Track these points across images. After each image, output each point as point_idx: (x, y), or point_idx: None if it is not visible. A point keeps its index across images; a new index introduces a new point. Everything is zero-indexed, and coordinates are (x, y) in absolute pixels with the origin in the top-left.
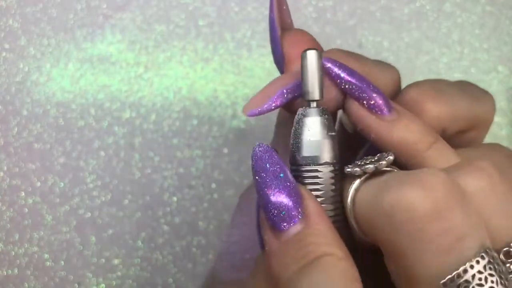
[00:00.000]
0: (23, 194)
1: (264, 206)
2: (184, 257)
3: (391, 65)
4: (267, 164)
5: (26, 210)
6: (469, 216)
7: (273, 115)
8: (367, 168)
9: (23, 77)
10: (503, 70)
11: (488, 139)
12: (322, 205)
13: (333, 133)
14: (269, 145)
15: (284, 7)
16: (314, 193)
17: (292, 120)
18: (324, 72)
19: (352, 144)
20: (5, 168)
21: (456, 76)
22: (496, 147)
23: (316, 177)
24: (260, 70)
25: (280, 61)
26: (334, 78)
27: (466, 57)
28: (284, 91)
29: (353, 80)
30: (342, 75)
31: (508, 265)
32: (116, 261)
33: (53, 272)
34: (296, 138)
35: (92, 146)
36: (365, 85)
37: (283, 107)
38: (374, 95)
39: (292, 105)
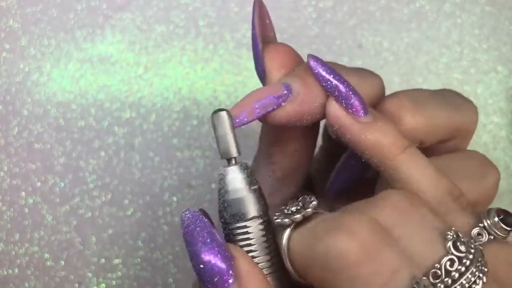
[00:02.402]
0: (23, 194)
1: (197, 273)
2: (184, 257)
3: (374, 74)
4: (194, 232)
5: (27, 210)
6: (395, 251)
7: None
8: (295, 218)
9: (24, 77)
10: (502, 70)
11: (487, 139)
12: (257, 258)
13: (256, 187)
14: (196, 211)
15: (267, 21)
16: (247, 248)
17: (275, 131)
18: (308, 71)
19: (335, 150)
20: (6, 168)
21: (455, 76)
22: (472, 154)
23: (246, 232)
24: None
25: (261, 75)
26: (316, 75)
27: (466, 57)
28: (257, 105)
29: (333, 79)
30: (324, 73)
31: (438, 285)
32: (116, 261)
33: (54, 272)
34: (220, 197)
35: (92, 146)
36: (344, 85)
37: (259, 120)
38: (352, 95)
39: (269, 117)
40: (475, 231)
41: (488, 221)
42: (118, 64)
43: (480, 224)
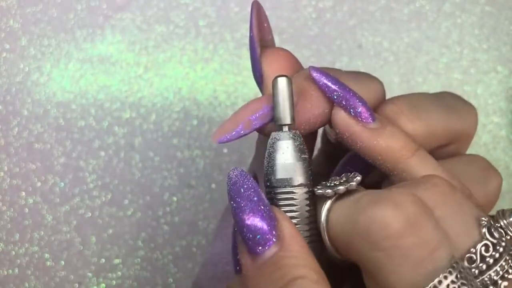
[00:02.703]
0: (23, 194)
1: (239, 230)
2: (184, 257)
3: (373, 78)
4: (241, 189)
5: (27, 210)
6: (437, 230)
7: None
8: (338, 189)
9: (24, 77)
10: (502, 70)
11: (487, 139)
12: (297, 226)
13: (306, 156)
14: (243, 169)
15: (265, 25)
16: (289, 214)
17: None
18: (312, 83)
19: (334, 153)
20: (6, 168)
21: (455, 76)
22: (474, 159)
23: (291, 198)
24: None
25: (259, 80)
26: (321, 87)
27: (466, 57)
28: (253, 117)
29: (339, 89)
30: (329, 84)
31: (473, 270)
32: (116, 261)
33: (54, 272)
34: (270, 161)
35: (92, 146)
36: (351, 94)
37: (256, 131)
38: (359, 103)
39: (267, 128)
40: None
41: (504, 221)
42: (118, 64)
43: (496, 224)
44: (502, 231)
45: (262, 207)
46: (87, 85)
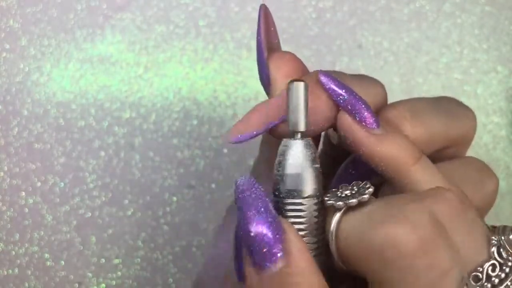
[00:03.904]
0: (23, 194)
1: (245, 241)
2: (184, 257)
3: (376, 81)
4: (250, 199)
5: (27, 210)
6: (449, 250)
7: None
8: (350, 202)
9: (24, 77)
10: (502, 70)
11: (487, 139)
12: (305, 238)
13: (317, 165)
14: (252, 177)
15: (272, 29)
16: (297, 226)
17: (278, 142)
18: (318, 86)
19: (336, 155)
20: (6, 168)
21: (455, 76)
22: (471, 161)
23: (300, 210)
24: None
25: (266, 83)
26: (328, 91)
27: (466, 57)
28: (264, 119)
29: (345, 93)
30: (336, 88)
31: None
32: (116, 261)
33: (54, 272)
34: (279, 170)
35: (92, 146)
36: (357, 99)
37: (268, 132)
38: (365, 109)
39: (275, 130)
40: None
41: (503, 238)
42: (118, 64)
43: (493, 238)
44: (510, 251)
45: (270, 219)
46: (87, 85)
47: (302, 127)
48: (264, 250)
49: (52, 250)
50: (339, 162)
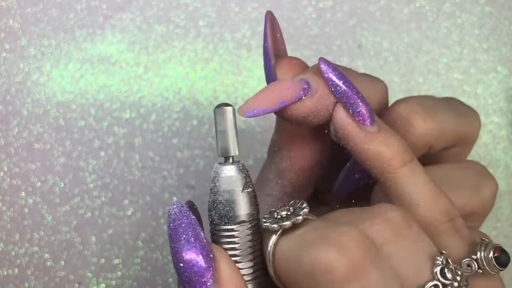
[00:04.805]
0: (23, 194)
1: (176, 270)
2: None
3: (379, 79)
4: (180, 228)
5: (26, 210)
6: (383, 271)
7: (272, 116)
8: (284, 224)
9: (23, 77)
10: (502, 70)
11: (487, 139)
12: (240, 263)
13: (250, 189)
14: (184, 205)
15: (278, 35)
16: (231, 252)
17: (287, 148)
18: (318, 75)
19: (341, 155)
20: (6, 168)
21: (455, 76)
22: (470, 165)
23: (233, 236)
24: (260, 70)
25: None
26: (326, 80)
27: (466, 57)
28: (276, 98)
29: (343, 85)
30: (334, 78)
31: None
32: (116, 261)
33: (53, 272)
34: (211, 196)
35: (92, 146)
36: (354, 92)
37: (275, 114)
38: (360, 103)
39: (288, 110)
40: (465, 261)
41: (483, 254)
42: (118, 64)
43: (473, 256)
44: (458, 271)
45: (199, 248)
46: (87, 85)
47: (232, 151)
48: (194, 279)
49: (52, 250)
50: (343, 161)
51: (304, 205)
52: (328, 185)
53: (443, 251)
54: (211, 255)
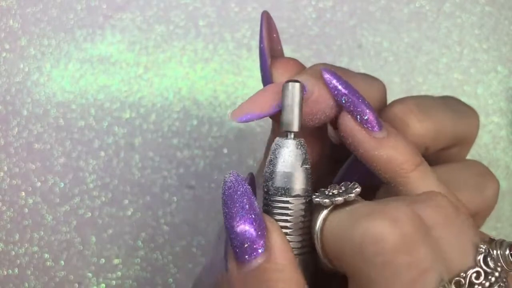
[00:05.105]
0: (23, 194)
1: (228, 235)
2: (184, 257)
3: (377, 79)
4: (235, 195)
5: (26, 210)
6: (431, 250)
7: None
8: (336, 200)
9: (24, 77)
10: (502, 70)
11: (487, 139)
12: (290, 236)
13: (307, 166)
14: (239, 174)
15: (275, 35)
16: (283, 224)
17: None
18: (321, 83)
19: (336, 155)
20: (5, 168)
21: (455, 76)
22: (472, 164)
23: (287, 208)
24: (260, 70)
25: None
26: (331, 89)
27: (466, 57)
28: (271, 101)
29: (349, 94)
30: (340, 87)
31: None
32: (116, 261)
33: (53, 272)
34: (270, 167)
35: (92, 146)
36: (360, 100)
37: (270, 118)
38: (367, 110)
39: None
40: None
41: (499, 252)
42: (118, 64)
43: (481, 246)
44: (499, 262)
45: (253, 216)
46: (87, 85)
47: (295, 127)
48: (246, 246)
49: (52, 250)
50: (341, 161)
51: (356, 185)
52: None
53: (489, 238)
54: (264, 224)
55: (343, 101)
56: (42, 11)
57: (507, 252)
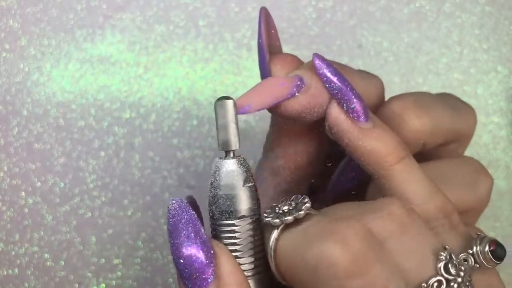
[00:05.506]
0: (23, 194)
1: (177, 266)
2: None
3: (375, 76)
4: (179, 224)
5: (26, 210)
6: (386, 265)
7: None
8: (286, 219)
9: (23, 77)
10: (502, 70)
11: (487, 139)
12: (241, 259)
13: (251, 184)
14: (183, 200)
15: (273, 31)
16: (232, 247)
17: (282, 145)
18: (312, 72)
19: (336, 152)
20: (5, 168)
21: (455, 76)
22: (466, 161)
23: (233, 231)
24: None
25: None
26: (320, 76)
27: (466, 57)
28: (269, 94)
29: (337, 81)
30: (328, 74)
31: None
32: (116, 261)
33: (53, 272)
34: (212, 191)
35: (92, 146)
36: (348, 88)
37: (269, 111)
38: (355, 99)
39: (281, 107)
40: (462, 256)
41: (479, 249)
42: (118, 64)
43: (469, 250)
44: (461, 266)
45: (200, 244)
46: (87, 85)
47: (233, 145)
48: (195, 277)
49: (52, 250)
50: (337, 158)
51: (306, 199)
52: (324, 183)
53: (447, 246)
54: (212, 251)
55: (331, 89)
56: (42, 11)
57: (487, 248)
